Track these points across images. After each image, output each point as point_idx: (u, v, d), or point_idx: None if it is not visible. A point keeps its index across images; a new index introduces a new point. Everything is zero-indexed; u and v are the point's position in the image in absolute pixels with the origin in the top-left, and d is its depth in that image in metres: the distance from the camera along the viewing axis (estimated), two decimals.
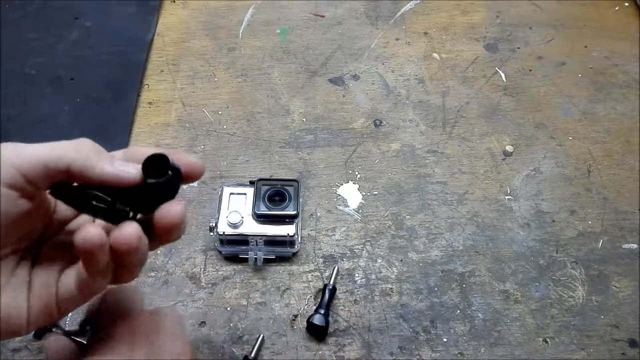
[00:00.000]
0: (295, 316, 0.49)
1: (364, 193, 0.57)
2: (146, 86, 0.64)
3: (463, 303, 0.50)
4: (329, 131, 0.62)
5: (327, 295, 0.49)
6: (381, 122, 0.62)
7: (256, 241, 0.50)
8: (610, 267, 0.53)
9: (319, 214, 0.55)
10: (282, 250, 0.52)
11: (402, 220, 0.55)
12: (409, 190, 0.57)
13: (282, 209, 0.51)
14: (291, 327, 0.49)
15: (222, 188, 0.53)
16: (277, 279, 0.51)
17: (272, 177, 0.56)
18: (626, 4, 0.74)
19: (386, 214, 0.56)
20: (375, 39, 0.70)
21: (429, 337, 0.49)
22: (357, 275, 0.52)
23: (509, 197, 0.57)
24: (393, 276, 0.52)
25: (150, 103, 0.63)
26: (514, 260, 0.53)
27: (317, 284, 0.51)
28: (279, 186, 0.52)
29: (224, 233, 0.50)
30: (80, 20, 0.70)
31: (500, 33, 0.71)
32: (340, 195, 0.57)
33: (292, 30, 0.71)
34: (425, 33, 0.71)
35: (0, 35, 0.67)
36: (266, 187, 0.52)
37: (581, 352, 0.48)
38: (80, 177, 0.29)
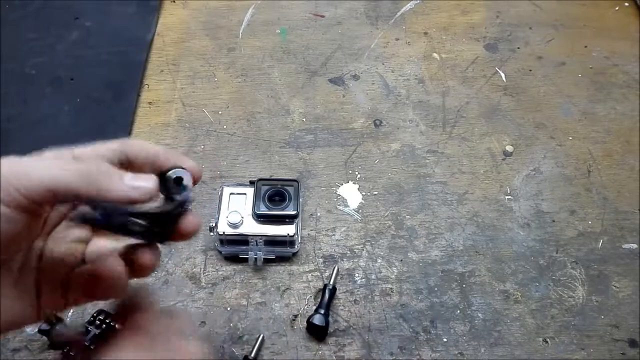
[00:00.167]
0: (295, 316, 0.49)
1: (364, 193, 0.57)
2: (146, 86, 0.64)
3: (463, 303, 0.50)
4: (329, 131, 0.62)
5: (327, 295, 0.49)
6: (381, 122, 0.62)
7: (256, 241, 0.50)
8: (610, 267, 0.53)
9: (319, 214, 0.55)
10: (282, 250, 0.52)
11: (402, 220, 0.55)
12: (409, 190, 0.57)
13: (282, 209, 0.51)
14: (291, 327, 0.49)
15: (222, 188, 0.53)
16: (277, 279, 0.51)
17: (272, 177, 0.56)
18: (626, 4, 0.74)
19: (386, 214, 0.56)
20: (375, 39, 0.70)
21: (429, 337, 0.49)
22: (357, 275, 0.52)
23: (509, 197, 0.57)
24: (393, 276, 0.52)
25: (150, 103, 0.63)
26: (514, 260, 0.53)
27: (317, 284, 0.51)
28: (279, 186, 0.52)
29: (224, 233, 0.50)
30: (80, 20, 0.70)
31: (500, 33, 0.71)
32: (340, 195, 0.57)
33: (292, 30, 0.71)
34: (425, 33, 0.71)
35: (0, 35, 0.67)
36: (266, 187, 0.52)
37: (581, 352, 0.48)
38: (91, 202, 0.30)
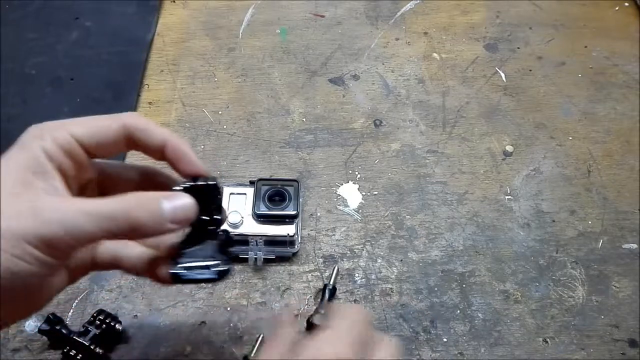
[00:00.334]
0: (296, 316, 0.49)
1: (364, 193, 0.57)
2: (146, 86, 0.64)
3: (463, 303, 0.50)
4: (329, 131, 0.62)
5: (327, 295, 0.49)
6: (381, 122, 0.62)
7: (256, 241, 0.50)
8: (610, 267, 0.53)
9: (319, 214, 0.55)
10: (282, 250, 0.52)
11: (402, 220, 0.55)
12: (409, 190, 0.57)
13: (282, 209, 0.51)
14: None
15: (222, 188, 0.53)
16: (277, 279, 0.51)
17: (272, 177, 0.56)
18: (626, 4, 0.74)
19: (386, 214, 0.56)
20: (375, 39, 0.70)
21: (429, 337, 0.49)
22: (357, 275, 0.52)
23: (509, 197, 0.57)
24: (393, 276, 0.52)
25: (150, 103, 0.63)
26: (514, 260, 0.53)
27: (317, 284, 0.51)
28: (279, 186, 0.52)
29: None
30: (80, 20, 0.70)
31: (500, 33, 0.71)
32: (340, 195, 0.57)
33: (292, 30, 0.71)
34: (425, 33, 0.71)
35: (0, 35, 0.67)
36: (266, 187, 0.52)
37: (581, 352, 0.48)
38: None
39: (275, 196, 0.52)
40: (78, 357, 0.43)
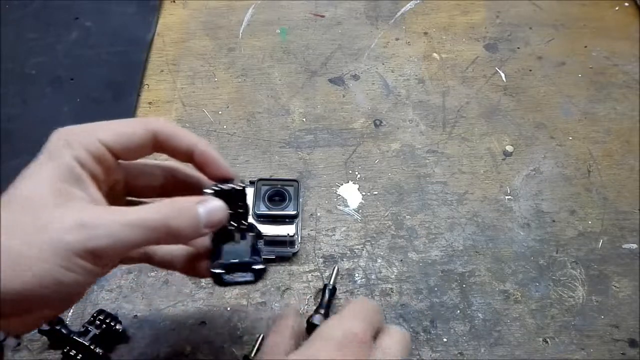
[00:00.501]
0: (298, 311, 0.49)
1: (364, 193, 0.57)
2: (146, 86, 0.64)
3: (463, 303, 0.50)
4: (329, 131, 0.62)
5: (327, 295, 0.49)
6: (381, 122, 0.62)
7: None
8: (610, 267, 0.53)
9: (319, 214, 0.55)
10: (282, 250, 0.52)
11: (402, 220, 0.55)
12: (409, 190, 0.57)
13: (282, 209, 0.51)
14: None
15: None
16: (277, 279, 0.51)
17: (272, 177, 0.56)
18: (626, 4, 0.74)
19: (386, 214, 0.56)
20: (375, 39, 0.70)
21: (429, 337, 0.49)
22: (357, 275, 0.52)
23: (509, 197, 0.57)
24: (393, 276, 0.52)
25: (150, 103, 0.63)
26: (514, 260, 0.53)
27: (317, 284, 0.51)
28: (279, 186, 0.52)
29: None
30: (80, 20, 0.70)
31: (500, 33, 0.71)
32: (340, 195, 0.57)
33: (292, 30, 0.71)
34: (425, 33, 0.71)
35: (0, 35, 0.67)
36: (266, 187, 0.52)
37: (581, 352, 0.48)
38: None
39: (275, 196, 0.52)
40: (78, 357, 0.43)
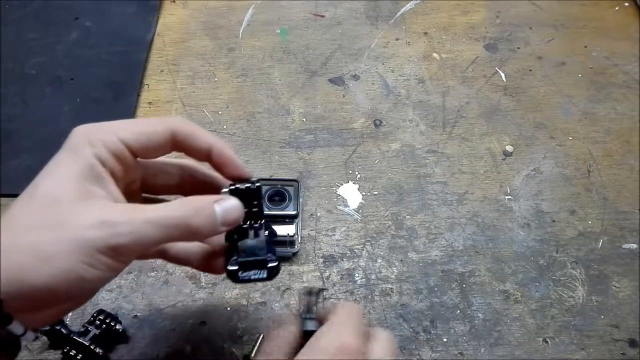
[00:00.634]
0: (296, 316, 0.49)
1: (364, 193, 0.57)
2: (146, 86, 0.64)
3: (463, 303, 0.50)
4: (329, 131, 0.62)
5: (314, 298, 0.48)
6: (381, 122, 0.62)
7: None
8: (610, 267, 0.53)
9: (319, 214, 0.55)
10: (282, 250, 0.52)
11: (402, 220, 0.55)
12: (409, 190, 0.57)
13: (282, 209, 0.51)
14: None
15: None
16: (277, 279, 0.51)
17: (272, 177, 0.56)
18: (626, 4, 0.74)
19: (386, 214, 0.56)
20: (375, 39, 0.70)
21: (429, 337, 0.49)
22: (357, 275, 0.52)
23: (509, 197, 0.57)
24: (393, 276, 0.52)
25: (150, 103, 0.63)
26: (514, 260, 0.53)
27: (317, 284, 0.51)
28: (279, 186, 0.52)
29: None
30: (80, 20, 0.70)
31: (500, 33, 0.71)
32: (340, 195, 0.57)
33: (292, 30, 0.71)
34: (425, 33, 0.71)
35: (0, 35, 0.67)
36: (266, 187, 0.52)
37: (581, 352, 0.48)
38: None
39: (275, 196, 0.52)
40: (78, 357, 0.43)
